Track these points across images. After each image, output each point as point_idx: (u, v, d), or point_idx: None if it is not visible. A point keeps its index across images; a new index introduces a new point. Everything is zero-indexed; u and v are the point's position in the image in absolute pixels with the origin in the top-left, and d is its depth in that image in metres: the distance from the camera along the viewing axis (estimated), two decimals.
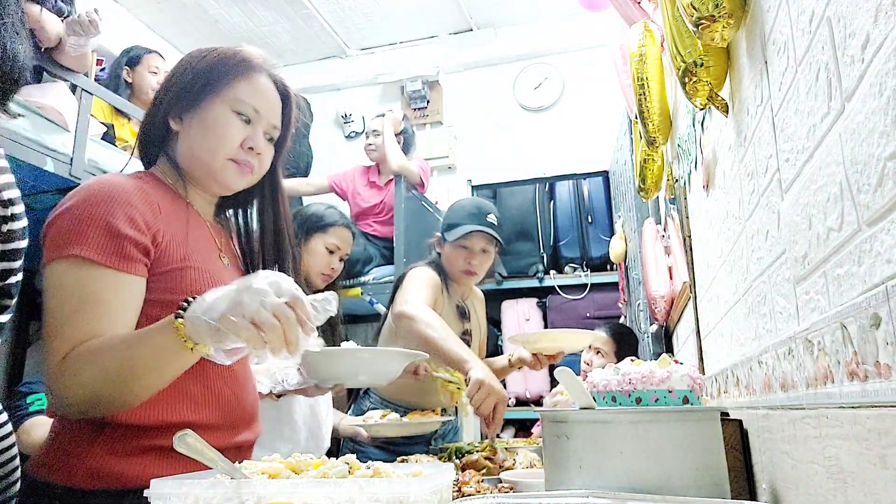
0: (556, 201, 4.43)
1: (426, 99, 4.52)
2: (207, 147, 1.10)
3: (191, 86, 1.11)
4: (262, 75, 1.17)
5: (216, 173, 1.12)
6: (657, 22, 1.74)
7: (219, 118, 1.10)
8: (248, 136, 1.12)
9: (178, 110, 1.12)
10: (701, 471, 0.84)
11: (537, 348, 2.01)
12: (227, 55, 1.14)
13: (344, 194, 3.75)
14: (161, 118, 1.13)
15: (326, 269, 2.05)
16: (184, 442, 0.76)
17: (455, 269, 2.12)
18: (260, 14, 4.24)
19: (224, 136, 1.10)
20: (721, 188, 1.26)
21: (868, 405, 0.59)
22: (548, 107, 4.38)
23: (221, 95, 1.11)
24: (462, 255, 2.10)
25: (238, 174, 1.13)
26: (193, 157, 1.12)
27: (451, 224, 2.12)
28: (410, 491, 0.70)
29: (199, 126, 1.10)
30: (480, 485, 1.23)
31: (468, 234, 2.06)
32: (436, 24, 4.45)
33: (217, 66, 1.12)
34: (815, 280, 0.74)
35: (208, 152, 1.10)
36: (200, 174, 1.13)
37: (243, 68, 1.14)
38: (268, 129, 1.16)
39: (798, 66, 0.76)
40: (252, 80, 1.14)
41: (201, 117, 1.11)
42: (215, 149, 1.10)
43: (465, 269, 2.11)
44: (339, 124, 4.81)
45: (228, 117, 1.11)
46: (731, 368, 1.23)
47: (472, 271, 2.11)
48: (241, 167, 1.13)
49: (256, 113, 1.13)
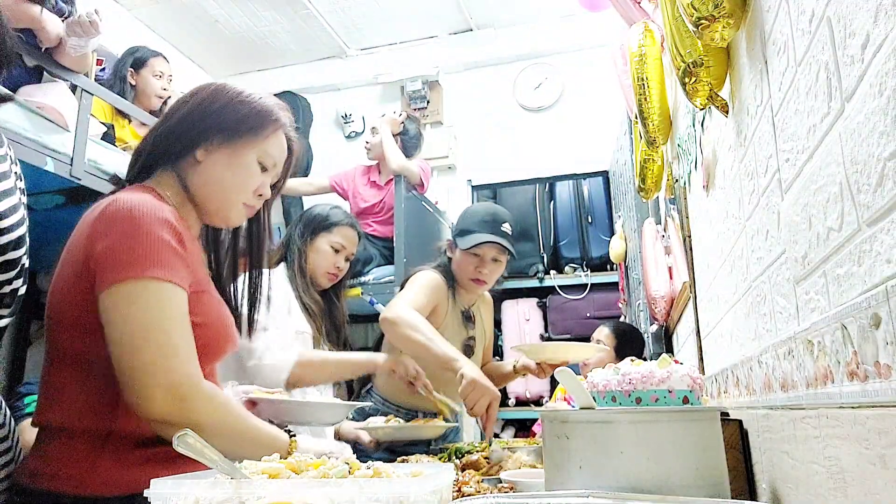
0: (556, 201, 4.43)
1: (426, 99, 4.52)
2: (232, 187, 1.18)
3: (233, 126, 1.18)
4: (283, 132, 1.26)
5: (228, 211, 1.20)
6: (657, 22, 1.74)
7: (248, 164, 1.19)
8: (262, 184, 1.22)
9: (210, 143, 1.17)
10: (701, 471, 0.84)
11: (541, 358, 2.00)
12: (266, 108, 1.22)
13: (345, 194, 3.75)
14: (186, 143, 1.17)
15: (332, 268, 2.05)
16: (184, 442, 0.76)
17: (464, 276, 2.08)
18: (260, 14, 4.24)
19: (247, 181, 1.19)
20: (721, 188, 1.26)
21: (868, 405, 0.59)
22: (548, 107, 4.38)
23: (256, 146, 1.20)
24: (473, 263, 2.05)
25: (244, 215, 1.23)
26: (213, 191, 1.18)
27: (464, 230, 2.07)
28: (410, 491, 0.70)
29: (228, 166, 1.18)
30: (480, 485, 1.23)
31: (481, 244, 2.02)
32: (436, 24, 4.45)
33: (258, 116, 1.20)
34: (815, 280, 0.74)
35: (232, 192, 1.19)
36: (213, 207, 1.20)
37: (277, 125, 1.23)
38: (274, 178, 1.26)
39: (798, 66, 0.76)
40: (279, 136, 1.24)
41: (232, 159, 1.18)
42: (237, 191, 1.19)
43: (474, 278, 2.06)
44: (339, 124, 4.81)
45: (254, 167, 1.20)
46: (731, 368, 1.23)
47: (481, 280, 2.07)
48: (248, 209, 1.23)
49: (274, 166, 1.24)
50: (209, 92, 1.21)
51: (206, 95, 1.20)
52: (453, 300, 2.12)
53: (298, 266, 2.03)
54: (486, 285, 2.11)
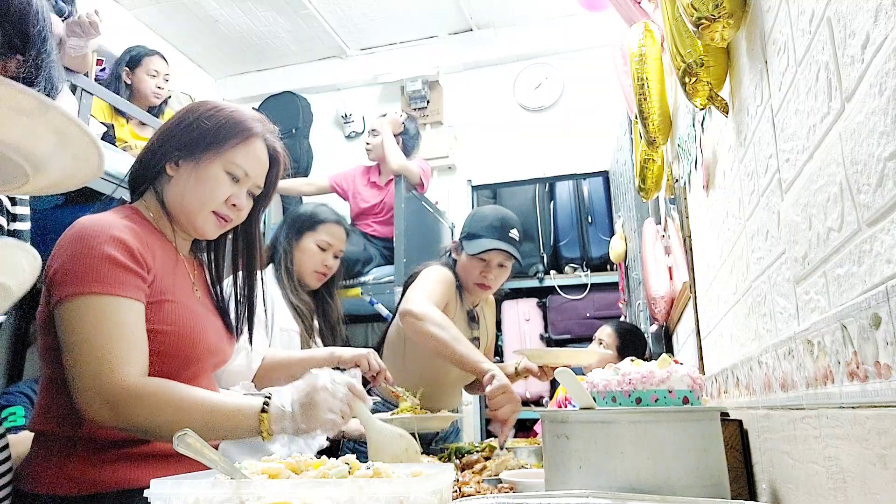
0: (556, 201, 4.43)
1: (426, 99, 4.52)
2: (197, 198, 1.22)
3: (195, 141, 1.22)
4: (259, 140, 1.27)
5: (197, 222, 1.23)
6: (657, 22, 1.74)
7: (212, 176, 1.22)
8: (234, 194, 1.24)
9: (177, 158, 1.22)
10: (701, 471, 0.84)
11: (542, 363, 2.01)
12: (232, 120, 1.25)
13: (345, 194, 3.75)
14: (159, 160, 1.23)
15: (319, 266, 2.05)
16: (183, 442, 0.76)
17: (469, 280, 2.07)
18: (260, 14, 4.23)
19: (213, 192, 1.22)
20: (721, 188, 1.26)
21: (868, 405, 0.59)
22: (548, 107, 4.38)
23: (220, 156, 1.22)
24: (478, 268, 2.04)
25: (216, 226, 1.25)
26: (181, 203, 1.23)
27: (472, 234, 2.05)
28: (410, 491, 0.70)
29: (194, 178, 1.21)
30: (480, 485, 1.23)
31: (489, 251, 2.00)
32: (436, 24, 4.45)
33: (222, 128, 1.23)
34: (815, 280, 0.74)
35: (196, 203, 1.22)
36: (184, 219, 1.24)
37: (245, 135, 1.25)
38: (252, 188, 1.28)
39: (798, 66, 0.76)
40: (249, 146, 1.25)
41: (197, 171, 1.22)
42: (203, 202, 1.22)
43: (479, 283, 2.06)
44: (339, 124, 4.81)
45: (221, 176, 1.22)
46: (731, 368, 1.23)
47: (486, 285, 2.06)
48: (219, 220, 1.25)
49: (246, 175, 1.25)
50: (186, 110, 1.27)
51: (181, 113, 1.27)
52: (460, 300, 2.12)
53: (285, 267, 2.04)
54: (490, 290, 2.11)
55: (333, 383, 1.11)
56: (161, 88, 3.03)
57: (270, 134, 1.30)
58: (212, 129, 1.23)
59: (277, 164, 1.32)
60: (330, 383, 1.10)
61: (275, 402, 1.08)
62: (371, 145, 3.68)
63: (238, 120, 1.25)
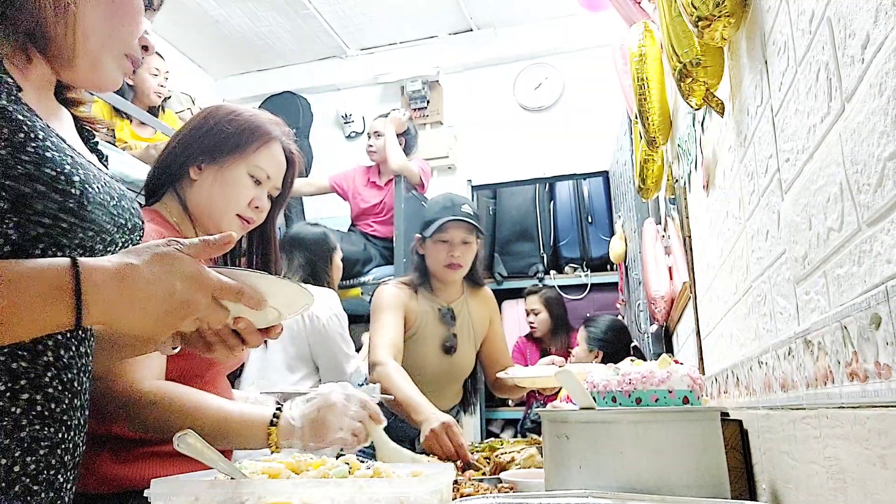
0: (556, 201, 4.44)
1: (426, 99, 4.52)
2: (222, 202, 1.24)
3: (218, 145, 1.24)
4: (277, 143, 1.30)
5: (222, 224, 1.25)
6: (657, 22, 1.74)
7: (236, 179, 1.24)
8: (256, 196, 1.27)
9: (200, 162, 1.24)
10: (701, 471, 0.84)
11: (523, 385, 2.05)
12: (253, 123, 1.27)
13: (345, 194, 3.75)
14: (182, 163, 1.25)
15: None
16: (184, 442, 0.76)
17: (438, 265, 2.10)
18: (260, 14, 4.24)
19: (238, 195, 1.24)
20: (721, 188, 1.26)
21: (868, 405, 0.59)
22: (548, 107, 4.38)
23: (243, 159, 1.25)
24: (444, 250, 2.08)
25: (240, 228, 1.27)
26: (206, 206, 1.25)
27: (428, 221, 2.12)
28: (410, 491, 0.70)
29: (219, 182, 1.24)
30: (480, 485, 1.23)
31: (444, 226, 2.05)
32: (436, 24, 4.45)
33: (244, 132, 1.26)
34: (815, 280, 0.74)
35: (222, 206, 1.24)
36: (208, 222, 1.26)
37: (266, 139, 1.27)
38: (272, 190, 1.31)
39: (798, 66, 0.76)
40: (270, 148, 1.28)
41: (222, 174, 1.24)
42: (228, 205, 1.24)
43: (448, 263, 2.08)
44: (339, 124, 4.81)
45: (244, 179, 1.25)
46: (731, 368, 1.24)
47: (455, 263, 2.09)
48: (243, 222, 1.27)
49: (267, 178, 1.28)
50: (205, 114, 1.30)
51: (201, 117, 1.29)
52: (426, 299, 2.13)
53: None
54: (462, 269, 2.12)
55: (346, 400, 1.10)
56: (163, 87, 3.04)
57: (286, 136, 1.32)
58: (234, 132, 1.25)
59: (293, 166, 1.34)
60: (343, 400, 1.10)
61: (285, 415, 1.09)
62: (374, 147, 3.68)
63: (258, 123, 1.27)
